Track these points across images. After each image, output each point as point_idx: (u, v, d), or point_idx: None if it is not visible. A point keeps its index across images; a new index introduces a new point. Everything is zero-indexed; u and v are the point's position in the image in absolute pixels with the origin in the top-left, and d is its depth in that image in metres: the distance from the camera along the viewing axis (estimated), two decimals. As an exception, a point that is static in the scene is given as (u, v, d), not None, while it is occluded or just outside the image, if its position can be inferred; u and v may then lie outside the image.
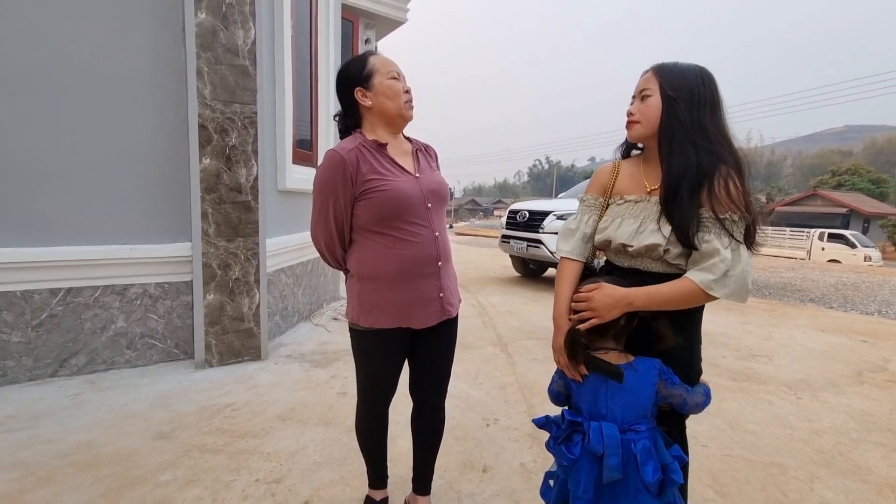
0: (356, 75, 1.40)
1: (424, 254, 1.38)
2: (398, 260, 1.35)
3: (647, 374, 1.14)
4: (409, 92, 1.43)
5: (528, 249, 6.27)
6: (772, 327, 4.75)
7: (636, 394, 1.14)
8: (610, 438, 1.09)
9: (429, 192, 1.41)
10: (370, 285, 1.39)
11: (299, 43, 3.92)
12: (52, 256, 2.60)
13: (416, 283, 1.38)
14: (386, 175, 1.35)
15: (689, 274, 1.13)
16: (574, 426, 1.17)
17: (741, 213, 1.13)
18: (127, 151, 2.79)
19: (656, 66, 1.24)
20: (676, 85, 1.18)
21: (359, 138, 1.38)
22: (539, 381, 2.97)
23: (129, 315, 2.88)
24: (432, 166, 1.53)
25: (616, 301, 1.14)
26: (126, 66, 2.75)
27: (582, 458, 1.13)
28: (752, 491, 1.89)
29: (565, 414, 1.21)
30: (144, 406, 2.42)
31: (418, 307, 1.39)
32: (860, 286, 8.57)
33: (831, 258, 16.85)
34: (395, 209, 1.33)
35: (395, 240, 1.35)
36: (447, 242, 1.48)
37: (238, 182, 2.97)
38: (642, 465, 1.08)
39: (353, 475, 1.87)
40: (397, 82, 1.40)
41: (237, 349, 3.07)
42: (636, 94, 1.25)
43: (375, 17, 7.31)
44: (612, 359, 1.16)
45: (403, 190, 1.35)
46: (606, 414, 1.14)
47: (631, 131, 1.28)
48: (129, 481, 1.79)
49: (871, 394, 3.00)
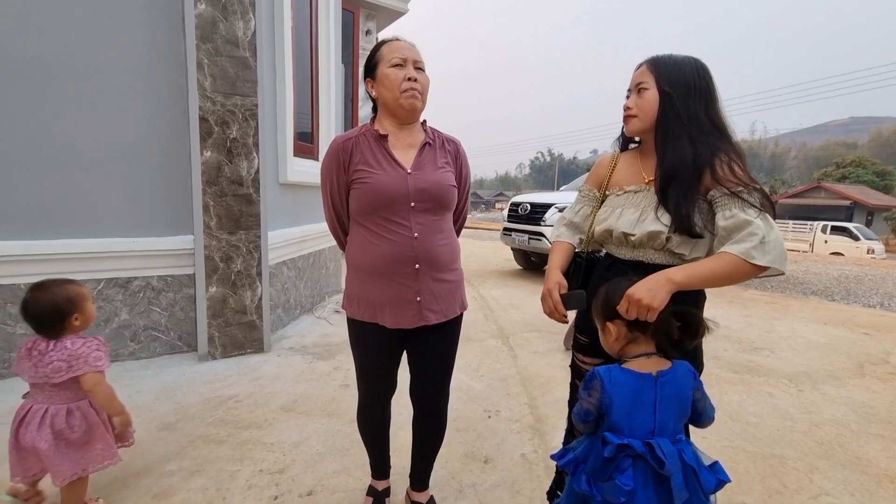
0: (367, 66, 1.39)
1: (397, 254, 1.32)
2: (374, 255, 1.34)
3: (686, 379, 1.07)
4: (411, 79, 1.31)
5: (530, 242, 6.27)
6: (773, 320, 4.74)
7: (682, 401, 1.06)
8: (671, 455, 0.97)
9: (417, 190, 1.32)
10: (353, 275, 1.42)
11: (299, 34, 3.90)
12: (54, 249, 2.61)
13: (390, 281, 1.34)
14: (374, 167, 1.32)
15: (726, 248, 1.06)
16: (622, 450, 1.00)
17: (752, 185, 1.11)
18: (128, 144, 2.79)
19: (651, 59, 1.23)
20: (672, 79, 1.17)
21: (365, 127, 1.39)
22: (540, 374, 2.98)
23: (132, 308, 2.89)
24: (439, 163, 1.39)
25: (655, 284, 1.04)
26: (126, 58, 2.73)
27: (637, 489, 0.97)
28: (751, 482, 1.90)
29: (609, 438, 1.02)
30: (149, 398, 2.44)
31: (390, 307, 1.35)
32: (863, 279, 8.55)
33: (834, 251, 16.79)
34: (373, 204, 1.32)
35: (374, 234, 1.34)
36: (434, 246, 1.36)
37: (239, 175, 2.96)
38: (700, 474, 1.00)
39: (355, 465, 1.89)
40: (398, 70, 1.31)
41: (240, 341, 3.09)
42: (632, 88, 1.25)
43: (376, 8, 7.26)
44: (653, 364, 1.06)
45: (384, 185, 1.30)
46: (655, 428, 1.01)
47: (628, 125, 1.27)
48: (135, 471, 1.81)
49: (873, 386, 3.00)
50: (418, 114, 1.39)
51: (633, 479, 0.98)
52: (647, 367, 1.05)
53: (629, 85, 1.26)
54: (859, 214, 27.89)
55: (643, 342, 1.09)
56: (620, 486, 0.97)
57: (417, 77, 1.33)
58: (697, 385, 1.08)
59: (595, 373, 1.08)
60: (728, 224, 1.08)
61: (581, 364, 1.37)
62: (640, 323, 1.07)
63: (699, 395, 1.09)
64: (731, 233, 1.08)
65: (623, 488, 0.97)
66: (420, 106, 1.36)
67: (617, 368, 1.08)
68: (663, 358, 1.08)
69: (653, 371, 1.05)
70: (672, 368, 1.07)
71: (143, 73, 2.79)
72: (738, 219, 1.07)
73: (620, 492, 0.97)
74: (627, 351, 1.10)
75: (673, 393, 1.04)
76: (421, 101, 1.35)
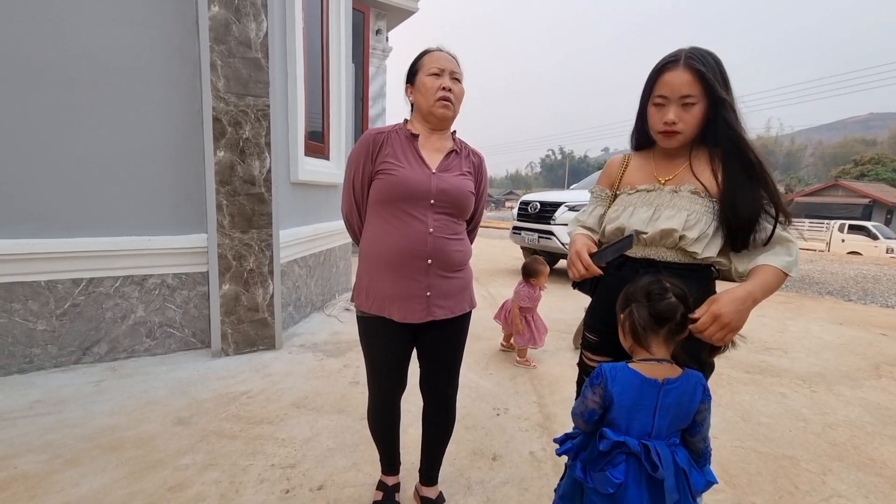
0: (408, 73, 1.48)
1: (411, 248, 1.36)
2: (387, 247, 1.38)
3: (694, 391, 1.06)
4: (445, 89, 1.38)
5: (540, 241, 6.25)
6: (787, 320, 4.68)
7: (685, 409, 1.06)
8: (666, 459, 1.01)
9: (438, 190, 1.38)
10: (365, 267, 1.46)
11: (310, 35, 3.93)
12: (73, 247, 2.68)
13: (401, 275, 1.37)
14: (401, 162, 1.39)
15: (768, 260, 1.13)
16: (618, 446, 1.04)
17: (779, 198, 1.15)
18: (143, 145, 2.84)
19: (695, 68, 1.13)
20: (721, 84, 1.15)
21: (398, 125, 1.48)
22: (549, 372, 2.98)
23: (148, 305, 2.95)
24: (462, 170, 1.46)
25: (743, 305, 1.07)
26: (141, 60, 2.79)
27: (630, 484, 1.01)
28: (762, 482, 1.88)
29: (607, 433, 1.05)
30: (164, 393, 2.49)
31: (400, 300, 1.39)
32: (881, 278, 8.37)
33: (851, 250, 16.44)
34: (395, 193, 1.37)
35: (391, 226, 1.38)
36: (447, 245, 1.40)
37: (252, 174, 3.01)
38: (690, 476, 1.03)
39: (365, 461, 1.92)
40: (435, 79, 1.39)
41: (252, 338, 3.14)
42: (672, 99, 1.16)
43: (386, 7, 7.28)
44: (662, 371, 1.06)
45: (409, 179, 1.36)
46: (652, 431, 1.04)
47: (671, 141, 1.20)
48: (151, 464, 1.86)
49: (889, 387, 2.95)
50: (449, 122, 1.46)
51: (624, 474, 1.01)
52: (655, 373, 1.05)
53: (662, 91, 1.17)
54: (878, 213, 27.24)
55: (656, 345, 1.07)
56: (610, 479, 1.01)
57: (452, 87, 1.40)
58: (704, 399, 1.07)
59: (601, 369, 1.08)
60: (769, 236, 1.15)
61: (589, 362, 1.37)
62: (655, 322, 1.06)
63: (703, 408, 1.07)
64: (771, 245, 1.15)
65: (613, 480, 1.01)
66: (451, 115, 1.43)
67: (624, 367, 1.08)
68: (675, 365, 1.08)
69: (659, 377, 1.04)
70: (681, 378, 1.06)
71: (158, 75, 2.84)
72: (779, 235, 1.14)
73: (610, 483, 1.01)
74: (636, 351, 1.10)
75: (675, 402, 1.04)
76: (452, 110, 1.43)
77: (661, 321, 1.05)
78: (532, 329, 3.13)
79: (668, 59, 1.18)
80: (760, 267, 1.13)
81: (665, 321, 1.05)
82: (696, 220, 1.17)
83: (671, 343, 1.08)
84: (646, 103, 1.25)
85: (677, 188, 1.22)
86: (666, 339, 1.07)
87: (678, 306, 1.05)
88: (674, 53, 1.19)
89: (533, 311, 3.17)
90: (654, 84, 1.20)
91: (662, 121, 1.18)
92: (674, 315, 1.05)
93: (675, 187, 1.23)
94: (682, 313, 1.06)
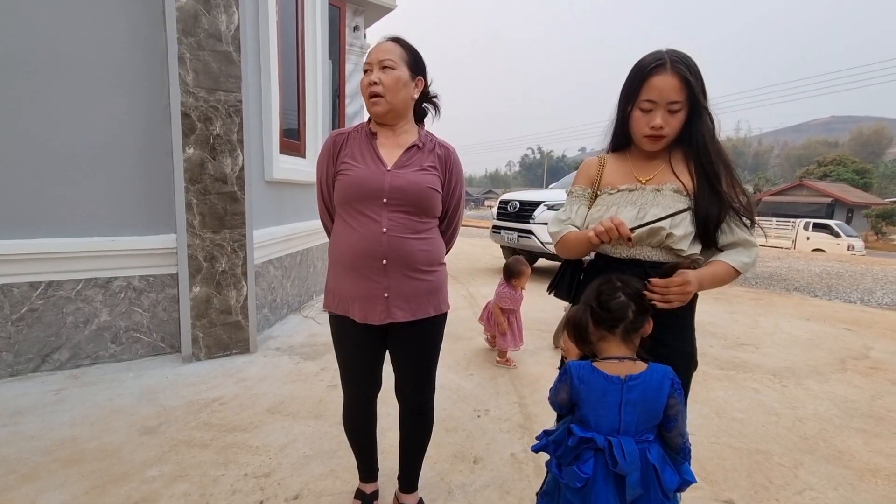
0: None
1: (365, 248, 1.33)
2: (346, 247, 1.37)
3: (662, 383, 1.07)
4: (372, 84, 1.32)
5: (519, 240, 6.27)
6: (758, 316, 4.82)
7: (652, 403, 1.06)
8: (631, 454, 1.02)
9: (392, 188, 1.32)
10: (330, 268, 1.46)
11: (285, 30, 3.83)
12: (30, 249, 2.53)
13: (359, 275, 1.35)
14: (357, 162, 1.37)
15: (726, 258, 1.20)
16: (585, 442, 1.06)
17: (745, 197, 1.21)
18: (106, 141, 2.71)
19: (682, 75, 1.13)
20: (702, 92, 1.18)
21: (361, 124, 1.46)
22: (530, 372, 2.98)
23: (112, 308, 2.82)
24: (423, 165, 1.38)
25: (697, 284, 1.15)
26: (105, 52, 2.65)
27: (598, 479, 1.04)
28: (738, 478, 1.92)
29: (574, 430, 1.08)
30: (130, 401, 2.38)
31: (360, 300, 1.37)
32: (843, 275, 8.73)
33: (816, 247, 17.15)
34: (351, 193, 1.35)
35: (348, 226, 1.38)
36: (406, 244, 1.34)
37: (223, 172, 2.90)
38: (662, 473, 1.04)
39: (343, 468, 1.87)
40: (366, 77, 1.35)
41: (225, 342, 3.03)
42: (662, 105, 1.16)
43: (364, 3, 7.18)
44: (624, 368, 1.07)
45: (363, 177, 1.34)
46: (620, 427, 1.05)
47: (656, 145, 1.22)
48: (115, 477, 1.76)
49: (854, 381, 3.06)
50: (389, 116, 1.37)
51: (592, 469, 1.04)
52: (617, 370, 1.07)
53: (650, 95, 1.16)
54: (840, 212, 28.49)
55: (615, 344, 1.09)
56: (578, 473, 1.05)
57: (381, 78, 1.32)
58: (673, 392, 1.07)
59: (567, 367, 1.12)
60: (732, 237, 1.21)
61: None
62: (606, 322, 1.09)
63: (673, 402, 1.07)
64: (733, 244, 1.21)
65: (580, 475, 1.04)
66: (381, 110, 1.35)
67: (587, 366, 1.10)
68: (638, 362, 1.09)
69: (622, 374, 1.07)
70: (644, 373, 1.07)
71: (123, 68, 2.71)
72: (742, 235, 1.20)
73: (577, 478, 1.04)
74: (599, 350, 1.12)
75: (640, 398, 1.05)
76: (383, 104, 1.34)
77: (613, 321, 1.08)
78: (514, 330, 3.13)
79: (653, 62, 1.16)
80: (717, 261, 1.21)
81: (617, 321, 1.08)
82: (681, 218, 1.18)
83: (632, 340, 1.10)
84: (626, 105, 1.23)
85: (659, 187, 1.23)
86: (623, 337, 1.09)
87: (628, 304, 1.08)
88: (658, 56, 1.16)
89: (516, 312, 3.17)
90: (641, 87, 1.17)
91: (650, 125, 1.18)
92: (624, 314, 1.07)
93: (657, 186, 1.23)
94: (634, 311, 1.08)
